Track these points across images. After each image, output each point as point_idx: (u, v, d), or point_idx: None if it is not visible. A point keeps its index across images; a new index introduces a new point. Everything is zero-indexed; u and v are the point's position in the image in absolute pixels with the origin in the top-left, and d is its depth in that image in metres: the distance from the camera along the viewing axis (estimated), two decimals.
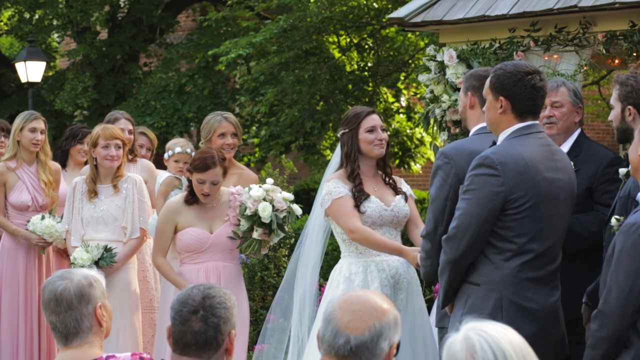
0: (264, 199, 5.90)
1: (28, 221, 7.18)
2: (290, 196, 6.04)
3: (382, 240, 5.41)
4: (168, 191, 6.50)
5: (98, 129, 6.70)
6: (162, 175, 7.24)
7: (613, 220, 4.40)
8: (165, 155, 6.95)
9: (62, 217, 6.99)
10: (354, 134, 5.53)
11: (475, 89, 4.98)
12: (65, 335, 3.51)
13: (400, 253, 5.37)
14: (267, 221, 5.87)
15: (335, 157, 5.77)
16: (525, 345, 2.61)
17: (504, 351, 2.55)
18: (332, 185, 5.51)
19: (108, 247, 6.46)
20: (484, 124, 4.88)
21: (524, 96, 4.43)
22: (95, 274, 3.60)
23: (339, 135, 5.66)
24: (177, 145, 6.76)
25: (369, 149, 5.51)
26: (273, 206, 5.89)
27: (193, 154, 6.61)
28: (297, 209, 6.06)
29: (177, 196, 6.19)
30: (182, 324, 3.25)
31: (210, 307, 3.27)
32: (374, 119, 5.56)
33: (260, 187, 5.95)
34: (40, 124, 7.32)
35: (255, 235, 5.97)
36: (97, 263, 6.43)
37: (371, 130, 5.52)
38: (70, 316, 3.48)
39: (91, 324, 3.51)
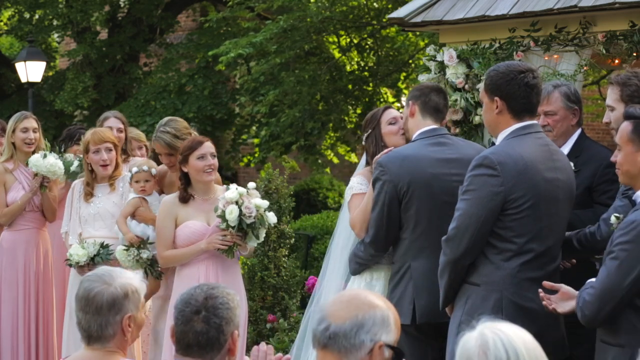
0: (236, 202, 5.88)
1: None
2: (264, 203, 5.98)
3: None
4: (132, 212, 6.44)
5: (88, 135, 6.72)
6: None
7: (612, 218, 4.40)
8: (128, 178, 6.66)
9: (63, 160, 7.13)
10: (376, 132, 5.55)
11: (416, 98, 5.29)
12: (87, 335, 3.52)
13: None
14: (233, 224, 5.86)
15: (361, 162, 5.79)
16: (538, 347, 2.62)
17: (517, 351, 2.57)
18: (356, 181, 5.54)
19: (104, 243, 6.46)
20: (424, 129, 5.22)
21: (518, 95, 4.45)
22: (137, 283, 3.58)
23: (363, 141, 5.67)
24: (134, 166, 6.57)
25: (394, 141, 5.50)
26: (241, 210, 5.88)
27: (153, 171, 6.47)
28: (271, 217, 6.02)
29: (171, 195, 6.21)
30: (184, 324, 3.25)
31: (213, 307, 3.27)
32: (393, 112, 5.63)
33: (237, 189, 5.94)
34: (32, 122, 7.32)
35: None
36: (93, 259, 6.44)
37: (393, 122, 5.55)
38: (96, 320, 3.49)
39: (115, 332, 3.50)
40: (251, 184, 6.10)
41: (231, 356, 3.31)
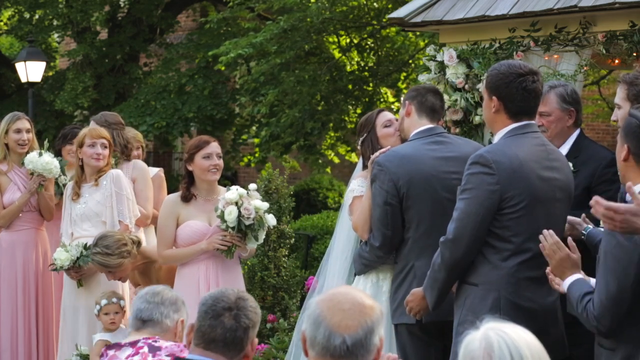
0: (235, 203, 5.89)
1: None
2: (264, 205, 5.98)
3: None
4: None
5: (85, 130, 6.74)
6: (152, 171, 7.29)
7: (602, 222, 4.41)
8: (95, 311, 6.26)
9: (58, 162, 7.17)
10: (372, 135, 5.55)
11: (412, 98, 5.31)
12: (143, 321, 3.97)
13: None
14: (232, 225, 5.87)
15: (358, 167, 5.79)
16: (541, 348, 2.63)
17: (521, 353, 2.58)
18: (356, 184, 5.54)
19: (87, 244, 6.43)
20: (421, 128, 5.23)
21: (515, 98, 4.45)
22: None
23: (358, 146, 5.68)
24: (103, 298, 6.19)
25: (391, 144, 5.49)
26: (240, 212, 5.88)
27: (122, 302, 6.15)
28: (270, 219, 6.02)
29: (173, 194, 6.21)
30: (213, 319, 3.29)
31: (244, 308, 3.34)
32: (387, 114, 5.64)
33: (237, 190, 5.94)
34: (25, 123, 7.30)
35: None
36: (76, 262, 6.42)
37: (388, 125, 5.56)
38: (158, 309, 3.96)
39: (170, 327, 3.94)
40: (252, 185, 6.09)
41: None
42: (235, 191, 5.92)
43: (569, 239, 4.13)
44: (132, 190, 6.69)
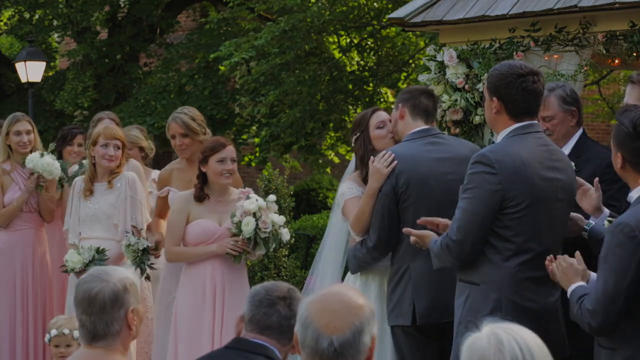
0: (254, 214, 5.90)
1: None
2: (281, 220, 6.03)
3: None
4: None
5: (99, 128, 6.74)
6: (155, 173, 7.28)
7: (605, 222, 4.42)
8: (46, 339, 5.90)
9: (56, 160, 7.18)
10: (365, 135, 5.55)
11: (405, 101, 5.31)
12: (92, 335, 3.48)
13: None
14: (248, 236, 5.89)
15: (351, 164, 5.80)
16: (547, 350, 2.65)
17: (531, 349, 2.59)
18: (346, 187, 5.55)
19: (100, 248, 6.43)
20: (417, 129, 5.25)
21: (515, 98, 4.45)
22: (131, 276, 3.57)
23: (352, 144, 5.68)
24: (53, 327, 5.76)
25: (383, 145, 5.50)
26: (257, 224, 5.89)
27: (75, 334, 5.49)
28: (285, 234, 6.06)
29: (187, 191, 6.22)
30: (269, 307, 3.40)
31: (296, 299, 3.44)
32: (382, 115, 5.61)
33: (257, 200, 5.96)
34: (25, 125, 7.29)
35: None
36: (88, 265, 6.42)
37: (381, 126, 5.55)
38: (101, 319, 3.45)
39: (120, 328, 3.48)
40: (271, 197, 6.13)
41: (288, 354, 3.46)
42: (254, 202, 5.94)
43: (577, 252, 4.14)
44: (145, 194, 6.70)
